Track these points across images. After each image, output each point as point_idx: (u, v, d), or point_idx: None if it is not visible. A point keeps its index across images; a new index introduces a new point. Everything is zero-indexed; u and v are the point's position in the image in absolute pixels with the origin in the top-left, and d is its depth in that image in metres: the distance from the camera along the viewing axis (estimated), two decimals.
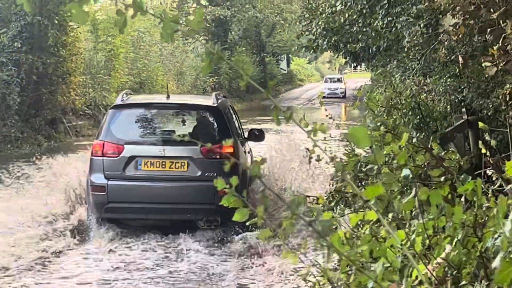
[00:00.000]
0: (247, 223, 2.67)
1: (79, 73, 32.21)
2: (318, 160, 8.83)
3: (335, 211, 7.92)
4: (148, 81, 41.02)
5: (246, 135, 14.21)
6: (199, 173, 12.07)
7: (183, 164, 12.14)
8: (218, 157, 11.92)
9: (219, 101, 13.26)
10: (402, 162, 2.74)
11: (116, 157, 12.14)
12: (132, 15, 2.05)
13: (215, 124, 12.77)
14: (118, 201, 12.07)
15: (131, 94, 13.96)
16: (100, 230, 12.12)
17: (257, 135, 14.01)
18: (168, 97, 13.44)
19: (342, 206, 9.21)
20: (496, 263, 1.77)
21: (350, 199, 9.33)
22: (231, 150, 11.78)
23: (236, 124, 13.90)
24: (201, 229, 12.21)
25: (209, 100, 13.25)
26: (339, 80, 67.90)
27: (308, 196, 9.70)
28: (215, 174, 11.83)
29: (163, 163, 12.12)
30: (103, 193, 12.01)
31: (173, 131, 13.06)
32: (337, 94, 62.12)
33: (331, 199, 9.15)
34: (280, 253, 10.43)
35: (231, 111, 14.01)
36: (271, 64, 69.33)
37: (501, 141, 9.70)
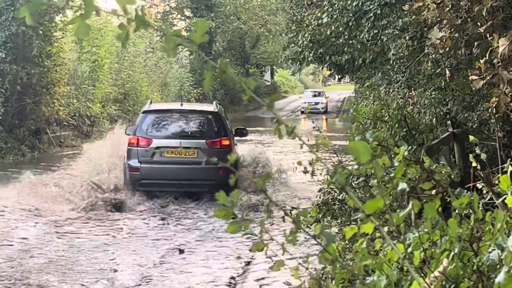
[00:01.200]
0: (242, 235, 2.75)
1: (64, 84, 32.12)
2: (306, 172, 8.87)
3: (321, 222, 7.96)
4: (132, 92, 40.97)
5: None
6: (205, 159, 16.46)
7: (193, 152, 17.00)
8: (218, 147, 16.97)
9: (218, 107, 18.32)
10: (399, 176, 2.76)
11: (147, 147, 17.02)
12: (134, 29, 2.05)
13: (215, 124, 17.69)
14: (148, 178, 16.89)
15: (152, 102, 19.23)
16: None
17: (243, 132, 19.08)
18: (181, 104, 19.30)
19: (329, 218, 9.26)
20: (500, 278, 1.79)
21: (336, 211, 9.37)
22: (227, 142, 17.14)
23: (228, 124, 18.39)
24: None
25: (211, 107, 18.48)
26: (319, 94, 63.28)
27: (295, 208, 9.73)
28: (217, 159, 14.61)
29: (180, 151, 16.97)
30: (138, 173, 16.93)
31: (185, 130, 17.90)
32: (318, 109, 57.73)
33: (318, 211, 9.19)
34: None
35: (226, 115, 18.88)
36: (255, 76, 69.32)
37: (486, 153, 9.76)
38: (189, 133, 17.63)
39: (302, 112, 55.61)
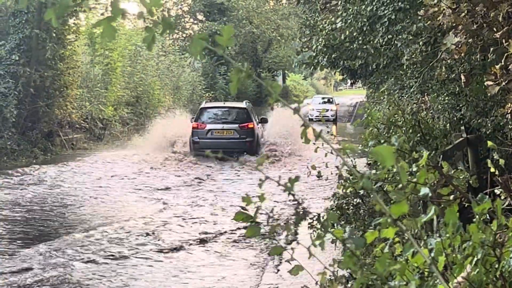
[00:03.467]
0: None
1: (76, 87, 32.14)
2: (319, 176, 8.82)
3: (336, 227, 7.95)
4: (144, 95, 41.01)
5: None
6: (238, 136, 27.90)
7: (231, 132, 28.00)
8: (246, 128, 27.94)
9: (247, 104, 29.95)
10: (422, 181, 2.75)
11: (203, 129, 27.90)
12: (161, 32, 2.05)
13: (245, 114, 28.68)
14: (204, 148, 26.66)
15: (206, 101, 33.49)
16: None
17: (264, 120, 30.19)
18: (224, 102, 34.76)
19: (343, 222, 9.24)
20: None
21: (351, 215, 9.36)
22: (252, 126, 28.11)
23: (255, 114, 29.50)
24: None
25: (242, 104, 30.00)
26: (329, 101, 57.11)
27: (310, 213, 9.72)
28: (245, 136, 27.78)
29: (223, 131, 28.08)
30: (198, 145, 27.49)
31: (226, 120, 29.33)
32: (327, 116, 52.40)
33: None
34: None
35: (252, 109, 29.89)
36: (267, 80, 69.07)
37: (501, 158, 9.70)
38: (229, 120, 28.53)
39: (310, 120, 52.74)
